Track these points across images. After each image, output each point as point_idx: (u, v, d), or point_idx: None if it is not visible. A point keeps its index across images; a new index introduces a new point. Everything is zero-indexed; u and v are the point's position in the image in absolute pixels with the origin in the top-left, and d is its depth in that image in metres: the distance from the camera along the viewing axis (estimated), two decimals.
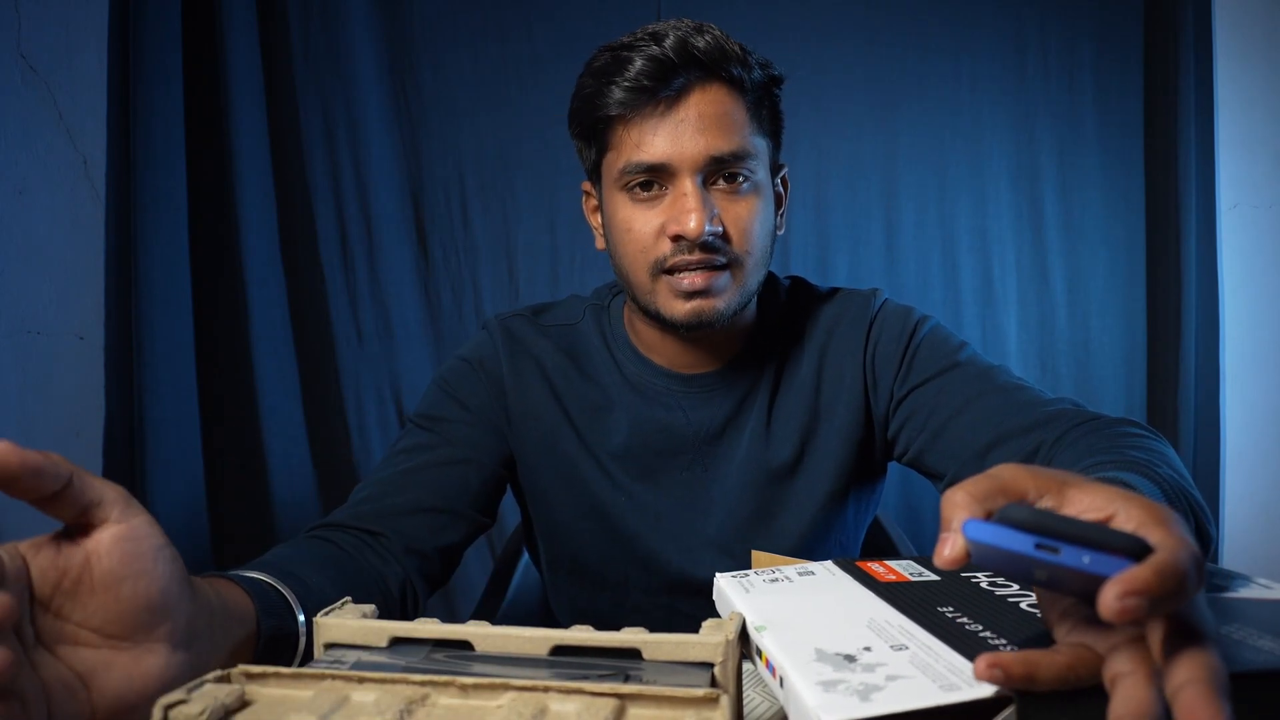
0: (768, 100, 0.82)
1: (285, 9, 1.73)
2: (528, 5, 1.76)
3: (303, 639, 0.55)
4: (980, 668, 0.33)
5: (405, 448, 0.85)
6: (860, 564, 0.56)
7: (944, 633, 0.41)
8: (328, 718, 0.36)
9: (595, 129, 0.81)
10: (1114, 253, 1.78)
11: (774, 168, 0.85)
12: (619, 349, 0.90)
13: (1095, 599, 0.31)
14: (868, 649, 0.40)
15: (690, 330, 0.81)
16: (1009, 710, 0.34)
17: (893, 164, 1.78)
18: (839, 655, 0.40)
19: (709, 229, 0.76)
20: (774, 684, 0.41)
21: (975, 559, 0.35)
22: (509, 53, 1.76)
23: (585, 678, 0.40)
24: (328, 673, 0.39)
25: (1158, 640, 0.31)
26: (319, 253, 1.76)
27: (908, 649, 0.40)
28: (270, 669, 0.40)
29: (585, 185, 0.89)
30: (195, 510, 1.70)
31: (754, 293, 0.83)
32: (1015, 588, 0.48)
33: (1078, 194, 1.78)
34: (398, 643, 0.45)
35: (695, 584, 0.86)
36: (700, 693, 0.37)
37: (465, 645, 0.44)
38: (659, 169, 0.77)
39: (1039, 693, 0.33)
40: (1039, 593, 0.40)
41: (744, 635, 0.45)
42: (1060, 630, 0.37)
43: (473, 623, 0.45)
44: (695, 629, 0.44)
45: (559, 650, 0.43)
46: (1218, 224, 1.75)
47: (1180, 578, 0.30)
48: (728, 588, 0.53)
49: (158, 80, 1.63)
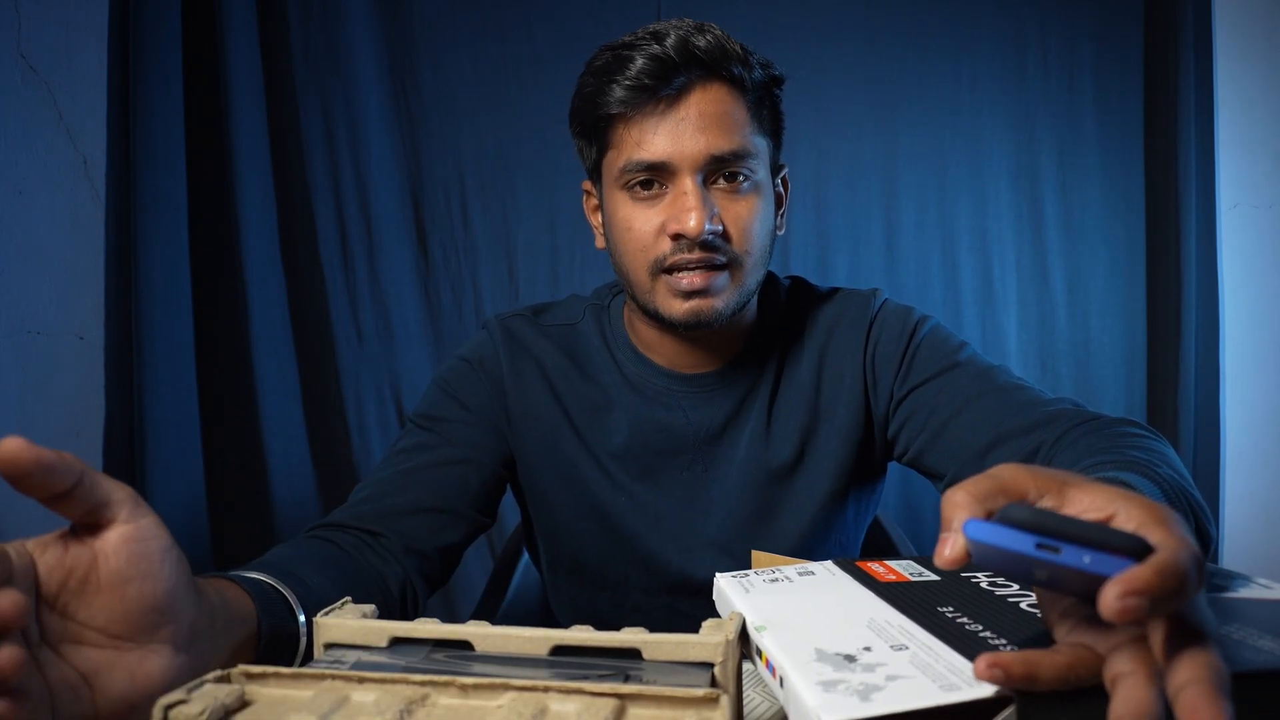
0: (768, 100, 0.82)
1: (285, 9, 1.73)
2: (528, 5, 1.76)
3: (303, 639, 0.55)
4: (980, 668, 0.33)
5: (405, 448, 0.85)
6: (860, 564, 0.56)
7: (944, 633, 0.41)
8: (328, 718, 0.36)
9: (596, 127, 0.81)
10: (1114, 253, 1.78)
11: (774, 168, 0.85)
12: (619, 349, 0.90)
13: (1096, 599, 0.31)
14: (868, 649, 0.40)
15: (689, 330, 0.81)
16: (1009, 710, 0.34)
17: (893, 164, 1.78)
18: (839, 655, 0.40)
19: (709, 228, 0.76)
20: (774, 684, 0.41)
21: (976, 559, 0.35)
22: (509, 53, 1.76)
23: (585, 678, 0.40)
24: (328, 673, 0.39)
25: (1159, 640, 0.31)
26: (319, 253, 1.76)
27: (908, 649, 0.40)
28: (270, 669, 0.40)
29: (586, 184, 0.89)
30: (195, 510, 1.70)
31: (753, 292, 0.83)
32: (1015, 588, 0.48)
33: (1078, 194, 1.78)
34: (398, 643, 0.45)
35: (695, 584, 0.86)
36: (700, 693, 0.37)
37: (465, 645, 0.44)
38: (659, 168, 0.77)
39: (1039, 693, 0.33)
40: (1039, 593, 0.40)
41: (744, 635, 0.45)
42: (1060, 630, 0.37)
43: (473, 623, 0.45)
44: (695, 629, 0.44)
45: (559, 650, 0.43)
46: (1218, 224, 1.75)
47: (1181, 577, 0.30)
48: (728, 588, 0.53)
49: (158, 80, 1.63)
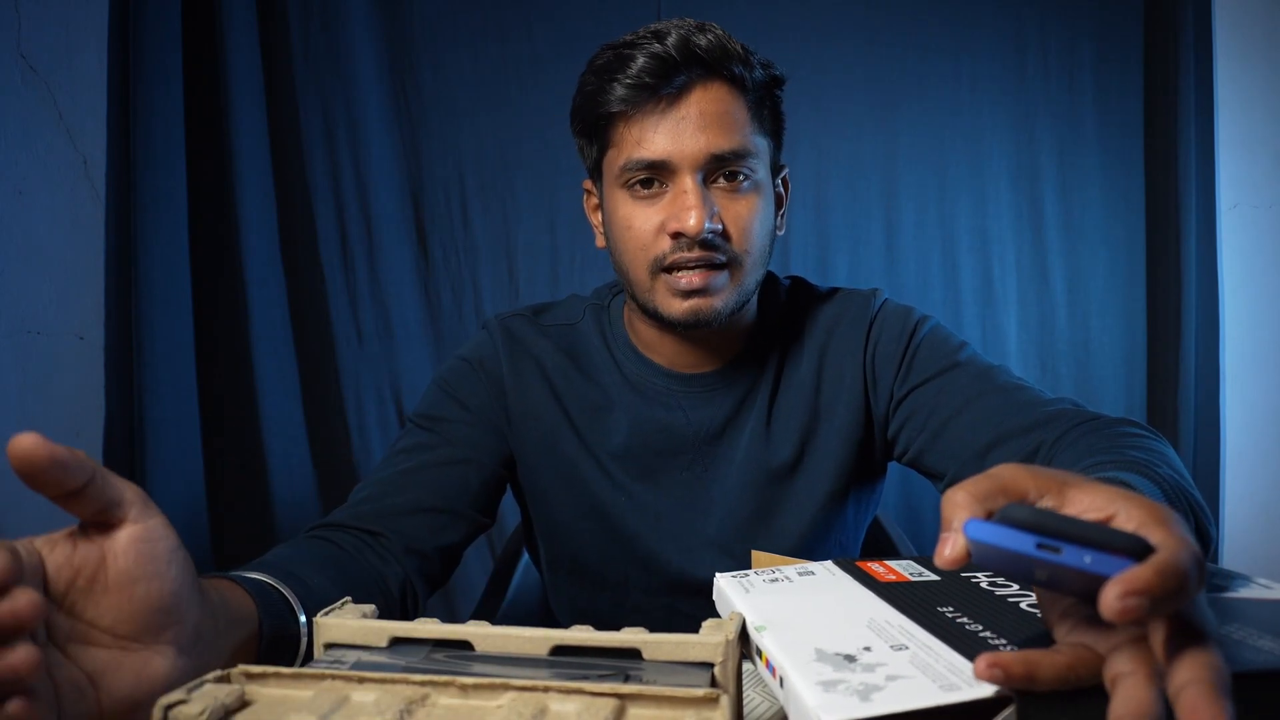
0: (769, 100, 0.82)
1: (285, 9, 1.73)
2: (528, 5, 1.76)
3: (304, 639, 0.55)
4: (980, 667, 0.33)
5: (405, 448, 0.85)
6: (860, 564, 0.56)
7: (944, 633, 0.41)
8: (328, 718, 0.36)
9: (597, 126, 0.81)
10: (1114, 253, 1.78)
11: (775, 168, 0.85)
12: (619, 349, 0.90)
13: (1096, 599, 0.31)
14: (868, 649, 0.40)
15: (688, 329, 0.81)
16: (1009, 710, 0.34)
17: (893, 164, 1.78)
18: (839, 655, 0.40)
19: (709, 226, 0.76)
20: (774, 684, 0.41)
21: (976, 559, 0.35)
22: (509, 53, 1.76)
23: (585, 678, 0.40)
24: (328, 673, 0.39)
25: (1159, 640, 0.31)
26: (319, 253, 1.76)
27: (908, 649, 0.40)
28: (270, 669, 0.40)
29: (586, 184, 0.89)
30: (195, 510, 1.70)
31: (752, 292, 0.83)
32: (1015, 588, 0.48)
33: (1078, 194, 1.78)
34: (398, 643, 0.45)
35: (695, 584, 0.86)
36: (700, 693, 0.37)
37: (465, 645, 0.44)
38: (659, 166, 0.77)
39: (1039, 693, 0.33)
40: (1039, 593, 0.40)
41: (744, 635, 0.45)
42: (1060, 630, 0.37)
43: (473, 623, 0.45)
44: (695, 629, 0.44)
45: (559, 650, 0.43)
46: (1218, 224, 1.75)
47: (1181, 577, 0.30)
48: (728, 588, 0.53)
49: (158, 80, 1.63)
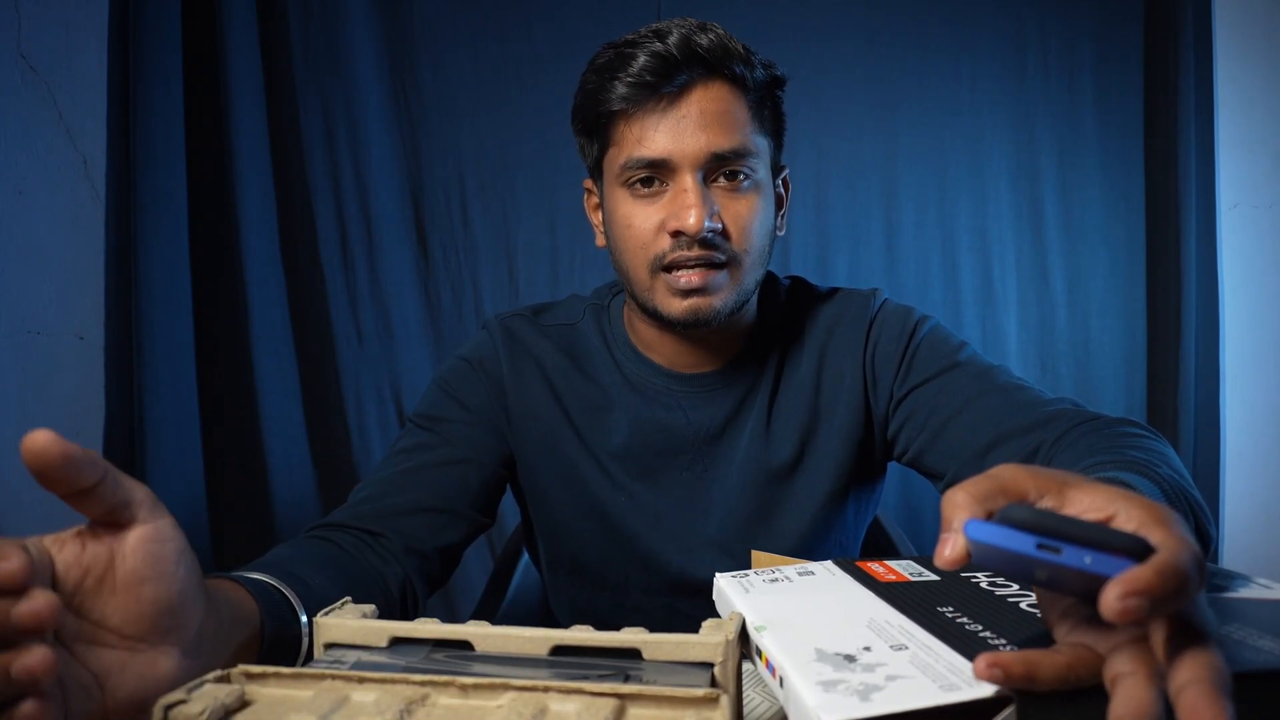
0: (770, 100, 0.82)
1: (285, 9, 1.73)
2: (528, 5, 1.76)
3: (305, 640, 0.55)
4: (980, 667, 0.33)
5: (405, 447, 0.85)
6: (860, 564, 0.56)
7: (944, 633, 0.41)
8: (328, 718, 0.36)
9: (598, 124, 0.81)
10: (1114, 253, 1.78)
11: (775, 168, 0.85)
12: (619, 349, 0.90)
13: (1096, 599, 0.31)
14: (868, 649, 0.40)
15: (687, 328, 0.81)
16: (1009, 710, 0.34)
17: (893, 164, 1.78)
18: (839, 655, 0.40)
19: (708, 225, 0.76)
20: (774, 684, 0.41)
21: (976, 559, 0.35)
22: (509, 53, 1.76)
23: (585, 678, 0.40)
24: (328, 673, 0.39)
25: (1160, 640, 0.31)
26: (319, 253, 1.76)
27: (908, 649, 0.40)
28: (270, 669, 0.40)
29: (587, 183, 0.89)
30: (195, 510, 1.70)
31: (751, 292, 0.83)
32: (1015, 588, 0.48)
33: (1078, 194, 1.78)
34: (398, 643, 0.45)
35: (695, 584, 0.86)
36: (700, 693, 0.37)
37: (465, 645, 0.44)
38: (660, 164, 0.77)
39: (1039, 693, 0.33)
40: (1039, 593, 0.40)
41: (744, 635, 0.45)
42: (1060, 630, 0.37)
43: (473, 623, 0.45)
44: (695, 629, 0.44)
45: (559, 650, 0.43)
46: (1218, 224, 1.75)
47: (1181, 578, 0.30)
48: (728, 588, 0.53)
49: (158, 80, 1.63)
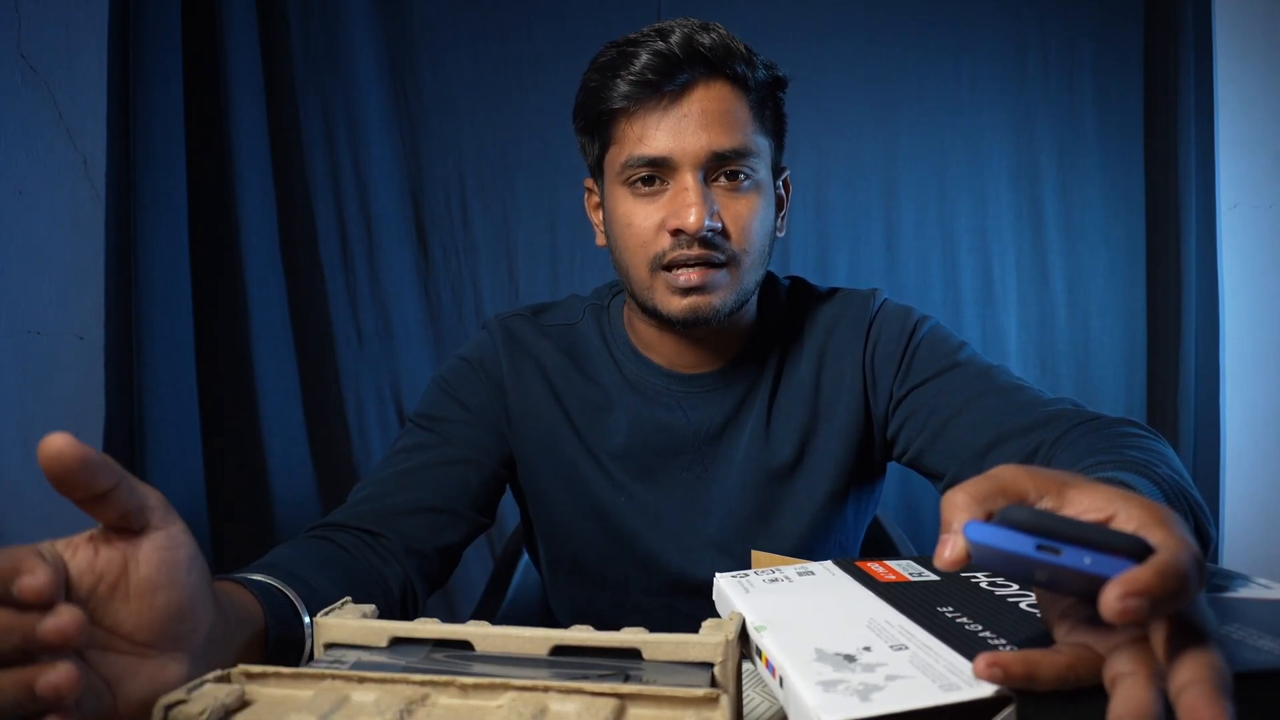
0: (771, 101, 0.82)
1: (285, 9, 1.73)
2: (528, 5, 1.76)
3: (308, 641, 0.55)
4: (980, 667, 0.33)
5: (405, 447, 0.85)
6: (860, 564, 0.56)
7: (944, 633, 0.41)
8: (328, 718, 0.36)
9: (599, 123, 0.81)
10: (1114, 253, 1.78)
11: (776, 169, 0.85)
12: (619, 349, 0.90)
13: (1096, 599, 0.31)
14: (867, 649, 0.40)
15: (687, 327, 0.81)
16: (1009, 710, 0.34)
17: (893, 164, 1.78)
18: (839, 655, 0.40)
19: (708, 224, 0.76)
20: (774, 684, 0.41)
21: (976, 560, 0.35)
22: (509, 53, 1.76)
23: (585, 678, 0.40)
24: (328, 673, 0.39)
25: (1160, 641, 0.31)
26: (319, 253, 1.76)
27: (907, 649, 0.40)
28: (270, 669, 0.40)
29: (587, 182, 0.89)
30: (195, 510, 1.70)
31: (751, 292, 0.83)
32: (1015, 588, 0.48)
33: (1078, 194, 1.78)
34: (398, 643, 0.45)
35: (695, 584, 0.86)
36: (700, 693, 0.37)
37: (465, 645, 0.44)
38: (661, 163, 0.77)
39: (1039, 693, 0.33)
40: (1039, 593, 0.40)
41: (744, 635, 0.45)
42: (1060, 630, 0.37)
43: (473, 623, 0.45)
44: (695, 629, 0.44)
45: (559, 650, 0.43)
46: (1218, 224, 1.75)
47: (1181, 578, 0.30)
48: (728, 588, 0.53)
49: (158, 80, 1.63)
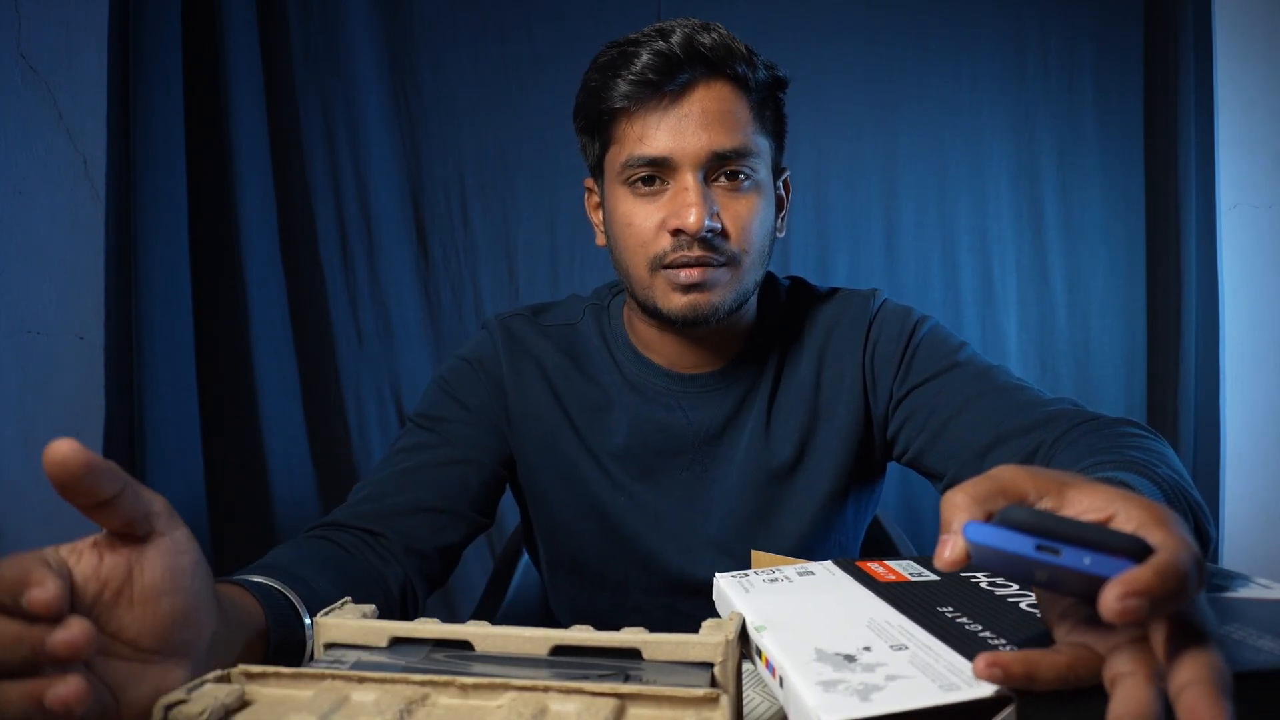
0: (771, 101, 0.82)
1: (285, 9, 1.73)
2: (528, 5, 1.76)
3: (309, 643, 0.55)
4: (979, 667, 0.33)
5: (405, 447, 0.85)
6: (860, 564, 0.56)
7: (944, 633, 0.41)
8: (328, 718, 0.36)
9: (599, 122, 0.81)
10: (1114, 253, 1.78)
11: (776, 170, 0.85)
12: (619, 349, 0.90)
13: (1096, 599, 0.31)
14: (867, 649, 0.40)
15: (686, 325, 0.81)
16: (1009, 710, 0.34)
17: (893, 164, 1.78)
18: (839, 655, 0.40)
19: (708, 224, 0.76)
20: (774, 684, 0.41)
21: (975, 560, 0.35)
22: (509, 53, 1.76)
23: (585, 678, 0.40)
24: (328, 673, 0.39)
25: (1160, 641, 0.31)
26: (319, 253, 1.76)
27: (907, 649, 0.40)
28: (270, 669, 0.40)
29: (588, 182, 0.89)
30: (195, 510, 1.70)
31: (751, 291, 0.83)
32: (1015, 588, 0.48)
33: (1078, 194, 1.78)
34: (398, 643, 0.45)
35: (695, 584, 0.86)
36: (700, 693, 0.37)
37: (465, 645, 0.44)
38: (661, 163, 0.77)
39: (1039, 693, 0.33)
40: (1039, 593, 0.40)
41: (744, 635, 0.45)
42: (1060, 630, 0.37)
43: (473, 623, 0.45)
44: (695, 629, 0.44)
45: (559, 650, 0.43)
46: (1218, 224, 1.75)
47: (1181, 578, 0.30)
48: (728, 588, 0.53)
49: (158, 80, 1.63)
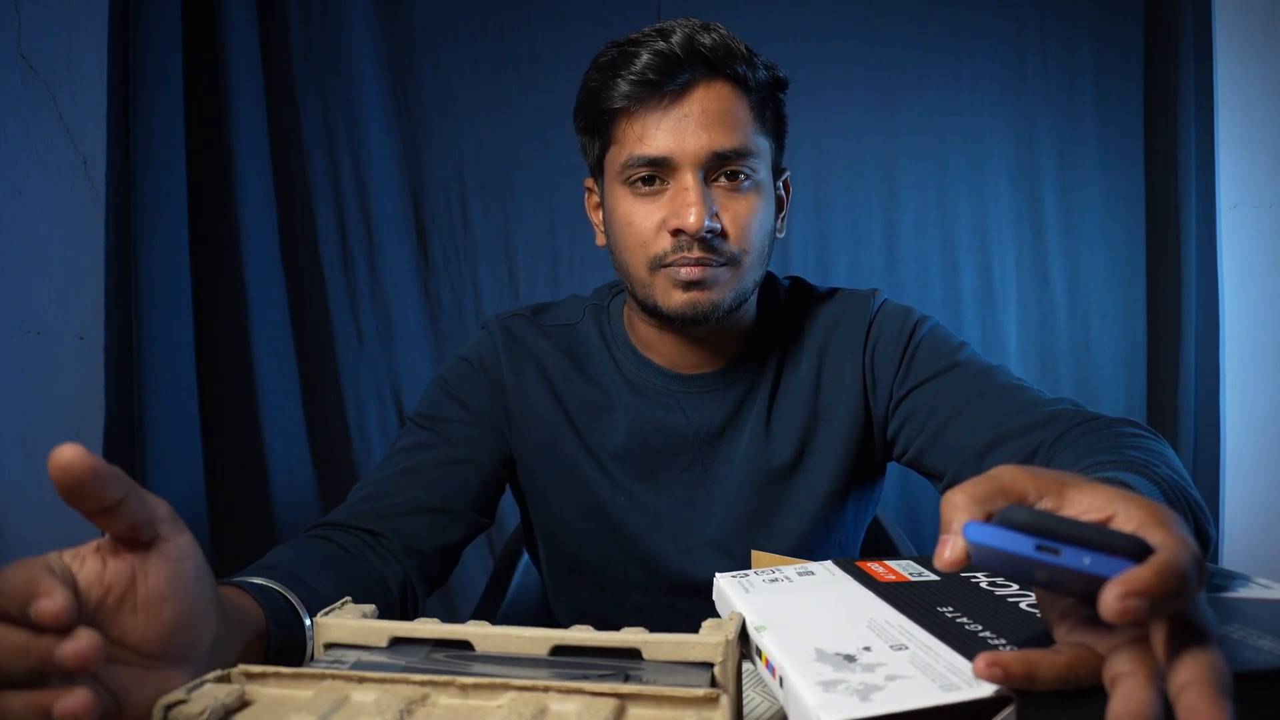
0: (771, 102, 0.82)
1: (285, 9, 1.73)
2: (528, 5, 1.76)
3: (310, 644, 0.55)
4: (979, 666, 0.33)
5: (405, 447, 0.85)
6: (860, 564, 0.56)
7: (944, 633, 0.41)
8: (328, 718, 0.36)
9: (599, 122, 0.81)
10: (1114, 253, 1.78)
11: (776, 170, 0.85)
12: (619, 349, 0.90)
13: (1096, 599, 0.31)
14: (867, 649, 0.40)
15: (686, 323, 0.81)
16: (1009, 710, 0.34)
17: (893, 164, 1.78)
18: (839, 655, 0.40)
19: (708, 224, 0.76)
20: (774, 684, 0.41)
21: (975, 560, 0.35)
22: (509, 53, 1.76)
23: (585, 678, 0.40)
24: (328, 673, 0.39)
25: (1160, 641, 0.31)
26: (319, 253, 1.76)
27: (907, 649, 0.40)
28: (270, 669, 0.40)
29: (588, 181, 0.89)
30: (195, 510, 1.70)
31: (750, 291, 0.83)
32: (1015, 588, 0.49)
33: (1078, 194, 1.78)
34: (398, 643, 0.45)
35: (695, 584, 0.86)
36: (700, 693, 0.37)
37: (465, 645, 0.44)
38: (661, 163, 0.77)
39: (1039, 693, 0.33)
40: (1039, 593, 0.40)
41: (744, 635, 0.45)
42: (1060, 630, 0.37)
43: (473, 623, 0.45)
44: (695, 629, 0.44)
45: (559, 650, 0.43)
46: (1218, 224, 1.75)
47: (1181, 578, 0.30)
48: (728, 588, 0.53)
49: (158, 80, 1.63)
